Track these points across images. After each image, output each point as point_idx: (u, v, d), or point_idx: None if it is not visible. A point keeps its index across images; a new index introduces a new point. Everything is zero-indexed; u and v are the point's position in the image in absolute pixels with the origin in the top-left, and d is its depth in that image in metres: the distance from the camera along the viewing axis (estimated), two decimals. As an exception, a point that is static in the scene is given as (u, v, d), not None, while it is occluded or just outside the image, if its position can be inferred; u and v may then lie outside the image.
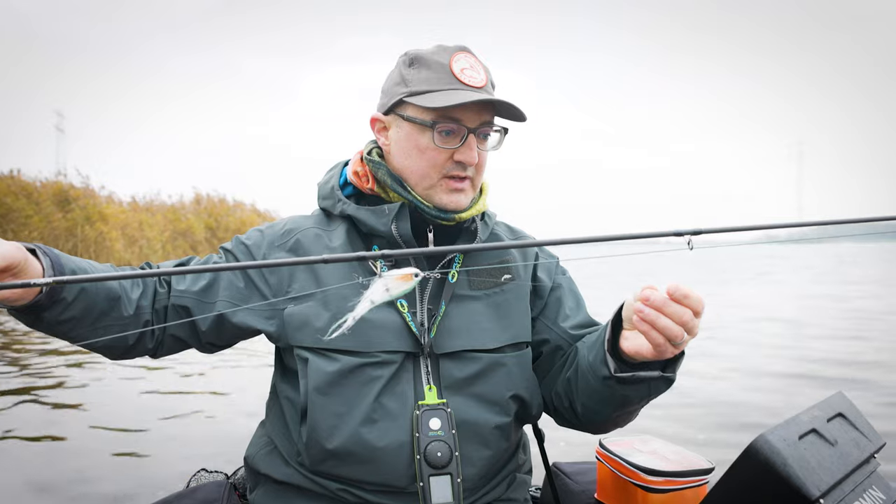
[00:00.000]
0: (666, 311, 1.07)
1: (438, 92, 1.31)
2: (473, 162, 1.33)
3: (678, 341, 1.09)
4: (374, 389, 1.28)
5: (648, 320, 1.09)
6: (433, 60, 1.34)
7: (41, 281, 0.95)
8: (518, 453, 1.46)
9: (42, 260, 1.13)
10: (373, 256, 0.96)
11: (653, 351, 1.12)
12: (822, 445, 0.99)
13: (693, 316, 1.09)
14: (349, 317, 1.05)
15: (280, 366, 1.44)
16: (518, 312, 1.41)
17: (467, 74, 1.32)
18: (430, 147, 1.33)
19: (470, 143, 1.32)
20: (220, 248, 1.47)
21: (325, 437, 1.28)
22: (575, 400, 1.34)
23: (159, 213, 29.02)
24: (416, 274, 1.02)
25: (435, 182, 1.35)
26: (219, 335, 1.39)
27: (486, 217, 1.48)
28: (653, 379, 1.19)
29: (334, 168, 1.52)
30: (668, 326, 1.08)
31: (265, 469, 1.39)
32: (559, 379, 1.40)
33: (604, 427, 1.40)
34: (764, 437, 0.94)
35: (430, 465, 1.26)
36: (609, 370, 1.20)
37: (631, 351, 1.16)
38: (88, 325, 1.23)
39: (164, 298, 1.35)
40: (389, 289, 1.02)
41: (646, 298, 1.08)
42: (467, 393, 1.32)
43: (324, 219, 1.46)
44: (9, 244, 1.05)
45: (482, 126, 1.33)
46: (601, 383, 1.23)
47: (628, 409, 1.30)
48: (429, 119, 1.32)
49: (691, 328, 1.09)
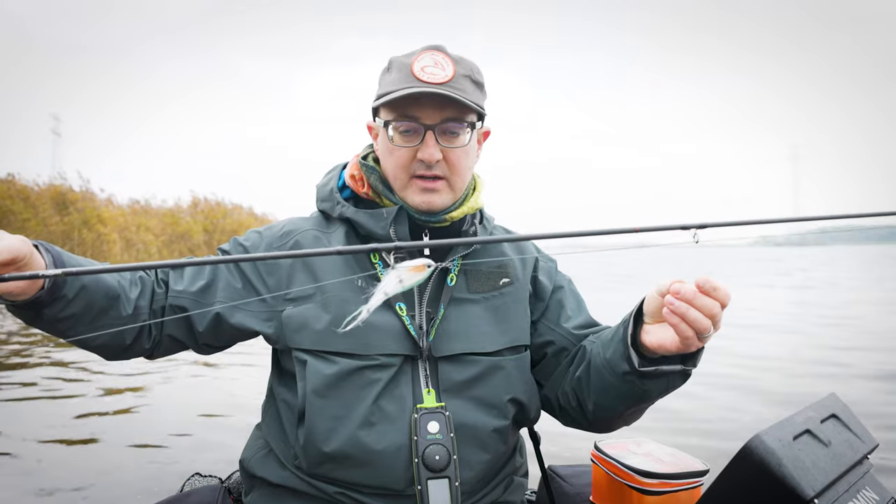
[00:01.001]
0: (696, 304, 1.08)
1: (393, 92, 1.31)
2: (432, 159, 1.32)
3: (706, 334, 1.10)
4: (373, 392, 1.28)
5: (679, 313, 1.09)
6: (400, 63, 1.35)
7: (50, 272, 0.95)
8: (515, 456, 1.46)
9: (44, 256, 1.13)
10: (386, 248, 0.99)
11: (678, 344, 1.12)
12: (816, 446, 0.99)
13: (721, 309, 1.10)
14: (363, 309, 1.07)
15: (277, 368, 1.44)
16: (517, 316, 1.42)
17: (427, 72, 1.31)
18: (394, 147, 1.34)
19: (427, 140, 1.32)
20: (218, 249, 1.47)
21: (322, 439, 1.28)
22: (586, 398, 1.34)
23: (156, 216, 29.00)
24: (428, 265, 1.03)
25: (406, 182, 1.36)
26: (216, 336, 1.39)
27: (485, 220, 1.49)
28: (675, 372, 1.19)
29: (333, 171, 1.52)
30: (698, 319, 1.08)
31: (261, 472, 1.39)
32: (567, 378, 1.40)
33: (612, 424, 1.40)
34: (759, 437, 0.94)
35: (428, 469, 1.26)
36: (631, 365, 1.20)
37: (654, 345, 1.16)
38: (87, 324, 1.23)
39: (161, 299, 1.35)
40: (402, 280, 1.04)
41: (676, 291, 1.09)
42: (466, 396, 1.32)
43: (322, 221, 1.46)
44: (14, 237, 1.05)
45: (445, 122, 1.32)
46: (620, 379, 1.23)
47: (643, 406, 1.31)
48: (388, 118, 1.34)
49: (717, 321, 1.10)
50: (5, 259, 1.01)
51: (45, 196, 23.98)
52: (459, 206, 1.41)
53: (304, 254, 1.05)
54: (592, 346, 1.35)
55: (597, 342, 1.34)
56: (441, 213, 1.38)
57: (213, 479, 1.61)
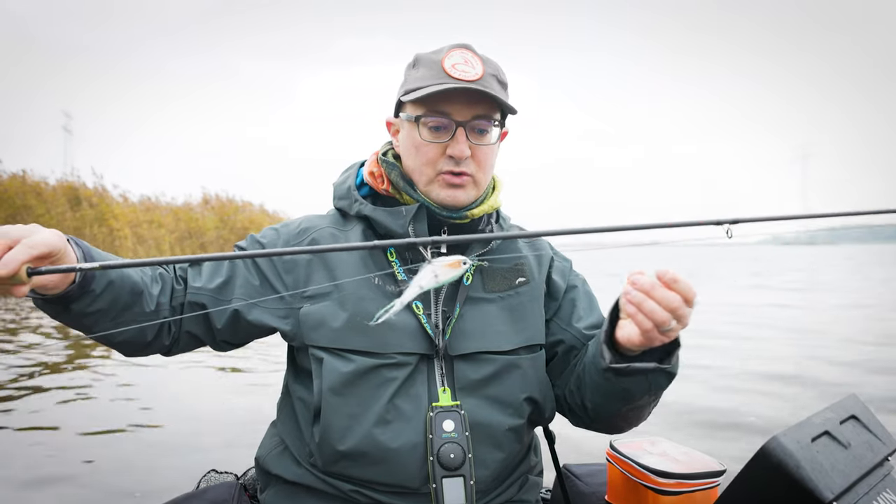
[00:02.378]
0: (653, 295, 1.07)
1: (425, 87, 1.31)
2: (463, 155, 1.32)
3: (665, 327, 1.08)
4: (389, 391, 1.29)
5: (635, 302, 1.08)
6: (429, 59, 1.35)
7: (86, 266, 0.96)
8: (530, 455, 1.46)
9: (75, 251, 1.14)
10: (423, 242, 1.02)
11: (641, 337, 1.11)
12: (835, 448, 0.98)
13: (683, 303, 1.07)
14: (397, 302, 1.08)
15: (293, 366, 1.45)
16: (532, 315, 1.42)
17: (459, 69, 1.32)
18: (422, 143, 1.34)
19: (458, 136, 1.32)
20: (235, 246, 1.48)
21: (338, 437, 1.28)
22: (585, 396, 1.34)
23: (169, 213, 29.14)
24: (464, 261, 1.04)
25: (432, 178, 1.36)
26: (234, 333, 1.40)
27: (502, 220, 1.49)
28: (648, 370, 1.17)
29: (350, 168, 1.53)
30: (655, 310, 1.07)
31: (276, 470, 1.39)
32: (572, 377, 1.40)
33: (615, 424, 1.39)
34: (776, 439, 0.93)
35: (443, 467, 1.26)
36: (605, 361, 1.19)
37: (623, 339, 1.15)
38: (112, 319, 1.24)
39: (180, 295, 1.36)
40: (438, 275, 1.04)
41: (634, 282, 1.08)
42: (481, 395, 1.33)
43: (339, 219, 1.47)
44: (50, 231, 1.05)
45: (475, 119, 1.33)
46: (601, 376, 1.23)
47: (635, 405, 1.29)
48: (418, 114, 1.34)
49: (681, 315, 1.08)
50: (42, 252, 1.01)
51: (59, 192, 24.15)
52: (480, 204, 1.41)
53: (324, 249, 1.06)
54: (590, 344, 1.34)
55: (592, 341, 1.33)
56: (463, 209, 1.38)
57: (229, 476, 1.62)
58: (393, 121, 1.45)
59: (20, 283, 0.97)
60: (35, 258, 0.99)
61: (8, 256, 0.96)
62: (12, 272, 0.95)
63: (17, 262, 0.96)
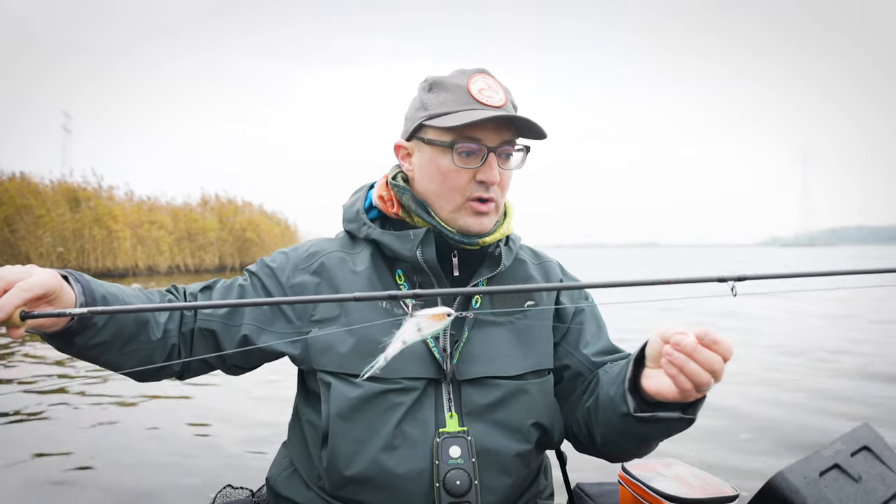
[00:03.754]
0: (696, 357, 1.06)
1: (457, 113, 1.32)
2: (495, 181, 1.34)
3: (705, 388, 1.08)
4: (396, 416, 1.29)
5: (677, 364, 1.07)
6: (451, 83, 1.35)
7: (76, 311, 0.97)
8: (539, 479, 1.46)
9: (74, 287, 1.15)
10: (404, 296, 1.00)
11: (676, 394, 1.10)
12: (844, 482, 0.96)
13: (722, 363, 1.07)
14: (380, 357, 1.06)
15: (303, 388, 1.45)
16: (541, 339, 1.42)
17: (485, 94, 1.33)
18: (452, 168, 1.34)
19: (490, 161, 1.33)
20: (245, 270, 1.48)
21: (345, 462, 1.28)
22: (595, 430, 1.34)
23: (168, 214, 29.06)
24: (448, 314, 1.02)
25: (459, 205, 1.36)
26: (244, 358, 1.40)
27: (511, 242, 1.48)
28: (673, 420, 1.17)
29: (359, 191, 1.53)
30: (697, 372, 1.06)
31: (286, 492, 1.40)
32: (579, 406, 1.40)
33: (623, 457, 1.41)
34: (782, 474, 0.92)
35: (449, 494, 1.26)
36: (628, 408, 1.19)
37: (652, 391, 1.15)
38: (117, 350, 1.25)
39: (190, 322, 1.36)
40: (421, 328, 1.02)
41: (677, 343, 1.07)
42: (488, 420, 1.32)
43: (348, 242, 1.47)
44: (45, 272, 1.07)
45: (503, 145, 1.34)
46: (620, 419, 1.22)
47: (648, 444, 1.30)
48: (448, 140, 1.34)
49: (718, 374, 1.07)
50: (37, 294, 1.03)
51: (58, 193, 24.07)
52: (494, 231, 1.42)
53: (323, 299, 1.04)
54: (603, 379, 1.34)
55: (606, 375, 1.33)
56: (486, 235, 1.39)
57: (244, 491, 1.63)
58: (405, 144, 1.43)
59: (14, 326, 0.99)
60: (29, 301, 1.01)
61: (2, 301, 0.98)
62: (6, 317, 0.97)
63: (12, 306, 0.98)
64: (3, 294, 0.99)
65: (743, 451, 4.05)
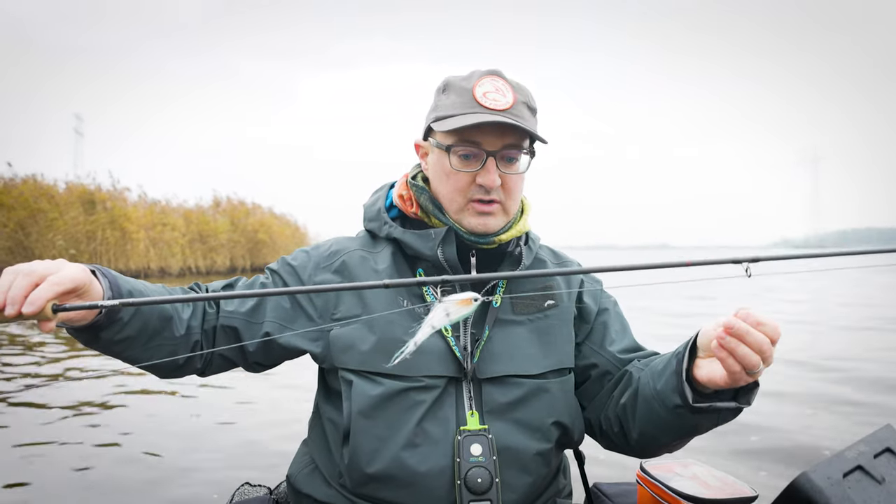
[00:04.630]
0: (746, 340, 1.07)
1: (456, 116, 1.33)
2: (492, 185, 1.34)
3: (755, 370, 1.09)
4: (417, 414, 1.30)
5: (729, 348, 1.08)
6: (460, 86, 1.36)
7: (108, 303, 1.01)
8: (559, 478, 1.46)
9: (101, 281, 1.17)
10: (433, 282, 1.02)
11: (727, 379, 1.11)
12: (868, 483, 0.96)
13: (770, 344, 1.08)
14: (410, 343, 1.09)
15: (324, 386, 1.46)
16: (561, 338, 1.42)
17: (490, 98, 1.33)
18: (452, 171, 1.36)
19: (489, 166, 1.33)
20: (266, 268, 1.50)
21: (366, 460, 1.29)
22: (631, 427, 1.34)
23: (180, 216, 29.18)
24: (475, 298, 1.04)
25: (462, 206, 1.37)
26: (266, 355, 1.42)
27: (531, 241, 1.49)
28: (728, 409, 1.18)
29: (380, 190, 1.55)
30: (747, 355, 1.07)
31: (307, 489, 1.41)
32: (610, 403, 1.40)
33: (657, 452, 1.41)
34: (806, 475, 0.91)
35: (471, 491, 1.26)
36: (684, 399, 1.19)
37: (704, 379, 1.16)
38: (142, 345, 1.27)
39: (212, 319, 1.38)
40: (450, 313, 1.05)
41: (730, 326, 1.08)
42: (509, 418, 1.33)
43: (369, 241, 1.48)
44: (75, 266, 1.09)
45: (505, 149, 1.34)
46: (670, 412, 1.23)
47: (690, 437, 1.30)
48: (447, 143, 1.35)
49: (767, 357, 1.09)
50: (67, 288, 1.05)
51: (73, 195, 24.22)
52: (509, 229, 1.42)
53: (352, 287, 1.07)
54: (641, 375, 1.34)
55: (646, 371, 1.33)
56: (493, 235, 1.39)
57: (262, 489, 1.64)
58: (422, 143, 1.46)
59: (46, 319, 1.01)
60: (60, 294, 1.03)
61: (34, 294, 1.00)
62: (38, 310, 1.00)
63: (43, 300, 1.00)
64: (35, 288, 1.01)
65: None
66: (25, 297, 1.00)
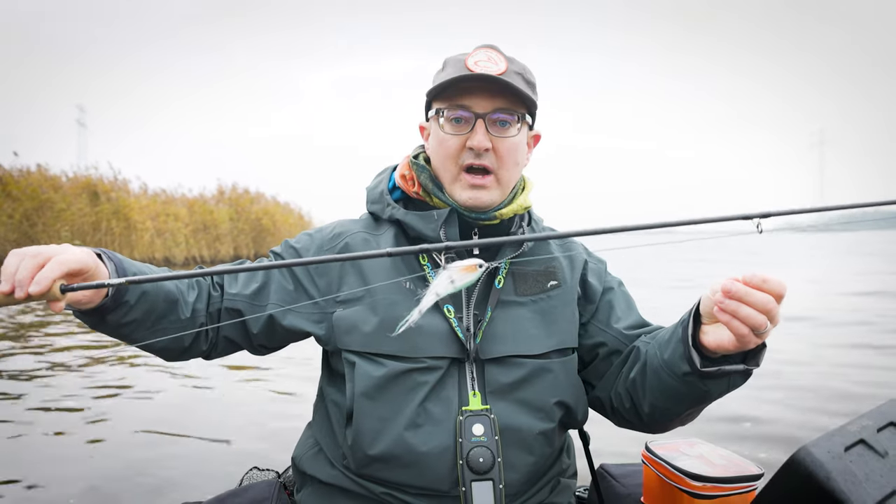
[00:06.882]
0: (747, 300, 1.06)
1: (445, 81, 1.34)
2: (481, 147, 1.33)
3: (762, 330, 1.08)
4: (420, 394, 1.30)
5: (730, 311, 1.07)
6: (454, 59, 1.37)
7: (114, 281, 1.02)
8: (562, 458, 1.46)
9: (107, 265, 1.18)
10: (437, 248, 1.02)
11: (735, 342, 1.10)
12: (870, 457, 0.94)
13: (775, 302, 1.07)
14: (414, 311, 1.09)
15: (327, 369, 1.47)
16: (564, 319, 1.42)
17: (481, 65, 1.33)
18: (444, 136, 1.36)
19: (478, 128, 1.33)
20: (270, 251, 1.51)
21: (369, 441, 1.30)
22: (641, 400, 1.34)
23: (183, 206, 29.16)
24: (479, 265, 1.04)
25: (455, 175, 1.37)
26: (270, 337, 1.43)
27: (534, 222, 1.49)
28: (737, 372, 1.17)
29: (383, 173, 1.54)
30: (751, 315, 1.06)
31: (311, 471, 1.42)
32: (619, 380, 1.40)
33: (668, 426, 1.40)
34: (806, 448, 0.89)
35: (473, 471, 1.27)
36: (692, 366, 1.18)
37: (713, 345, 1.15)
38: (148, 327, 1.28)
39: (217, 301, 1.39)
40: (454, 280, 1.05)
41: (727, 290, 1.07)
42: (511, 398, 1.33)
43: (372, 223, 1.48)
44: (81, 250, 1.11)
45: (495, 112, 1.34)
46: (679, 380, 1.22)
47: (701, 406, 1.29)
48: (439, 107, 1.36)
49: (773, 315, 1.07)
50: (73, 269, 1.06)
51: (78, 186, 24.23)
52: (508, 204, 1.42)
53: (353, 256, 1.08)
54: (647, 348, 1.34)
55: (652, 343, 1.32)
56: (490, 211, 1.39)
57: (270, 473, 1.66)
58: (425, 124, 1.46)
59: (55, 299, 1.03)
60: (66, 275, 1.05)
61: (40, 275, 1.02)
62: (45, 289, 1.01)
63: (49, 279, 1.02)
64: (41, 269, 1.03)
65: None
66: (32, 278, 1.02)
